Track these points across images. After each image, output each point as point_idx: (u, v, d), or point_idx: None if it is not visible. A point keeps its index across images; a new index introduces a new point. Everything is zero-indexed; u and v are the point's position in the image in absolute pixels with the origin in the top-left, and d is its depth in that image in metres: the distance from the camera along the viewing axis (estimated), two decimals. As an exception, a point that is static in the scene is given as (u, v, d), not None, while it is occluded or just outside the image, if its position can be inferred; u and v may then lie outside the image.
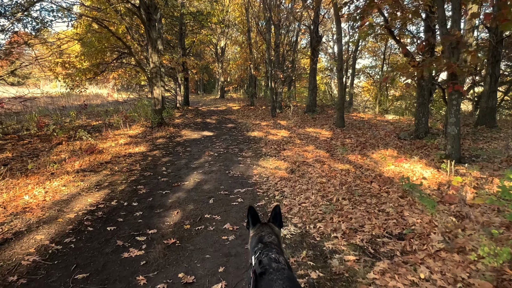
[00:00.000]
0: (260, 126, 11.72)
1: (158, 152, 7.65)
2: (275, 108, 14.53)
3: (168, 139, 9.43)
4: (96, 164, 6.25)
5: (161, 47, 15.00)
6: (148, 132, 10.15)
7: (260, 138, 9.38)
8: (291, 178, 5.37)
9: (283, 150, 7.48)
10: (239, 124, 12.81)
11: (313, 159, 6.50)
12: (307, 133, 9.61)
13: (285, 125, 11.70)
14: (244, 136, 9.91)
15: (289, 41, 19.56)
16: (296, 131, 10.12)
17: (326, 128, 10.29)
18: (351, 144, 7.59)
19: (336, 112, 10.22)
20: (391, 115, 12.84)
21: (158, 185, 5.24)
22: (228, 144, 8.71)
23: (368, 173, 5.35)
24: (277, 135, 9.69)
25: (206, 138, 9.67)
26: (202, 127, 12.12)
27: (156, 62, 10.89)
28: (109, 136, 9.17)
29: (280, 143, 8.28)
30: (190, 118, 14.81)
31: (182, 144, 8.75)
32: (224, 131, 11.04)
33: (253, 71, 21.03)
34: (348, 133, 9.20)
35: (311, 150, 7.36)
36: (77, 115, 13.39)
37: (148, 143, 8.55)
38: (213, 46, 27.90)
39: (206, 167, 6.33)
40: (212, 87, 34.93)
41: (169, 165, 6.51)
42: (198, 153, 7.65)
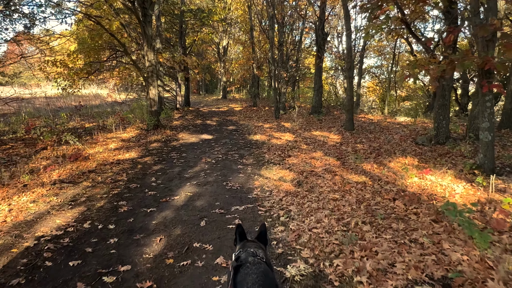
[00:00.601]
0: (262, 129, 10.94)
1: (150, 158, 6.90)
2: (278, 109, 13.74)
3: (163, 143, 8.69)
4: (77, 174, 5.51)
5: (160, 46, 14.30)
6: (142, 136, 9.42)
7: (262, 142, 8.61)
8: (298, 192, 4.58)
9: (288, 157, 6.69)
10: (240, 126, 12.04)
11: (323, 168, 5.70)
12: (314, 137, 8.81)
13: (289, 127, 10.91)
14: (245, 140, 9.14)
15: (293, 40, 18.78)
16: (302, 135, 9.32)
17: (334, 131, 9.48)
18: (364, 151, 6.78)
19: (345, 114, 9.41)
20: (402, 117, 12.00)
21: (143, 200, 4.48)
22: (228, 149, 7.94)
23: (389, 187, 4.55)
24: (281, 139, 8.90)
25: (205, 142, 8.91)
26: (201, 129, 11.36)
27: (152, 60, 10.16)
28: (100, 140, 8.46)
29: (284, 148, 7.49)
30: (190, 119, 14.08)
31: (177, 149, 8.00)
32: (224, 134, 10.27)
33: (256, 70, 20.27)
34: (359, 137, 8.38)
35: (320, 157, 6.56)
36: (71, 117, 12.73)
37: (141, 148, 7.81)
38: (215, 46, 27.19)
39: (202, 177, 5.57)
40: (214, 87, 34.23)
41: (160, 174, 5.76)
42: (194, 159, 6.89)
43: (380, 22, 7.05)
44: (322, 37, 14.03)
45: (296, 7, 16.25)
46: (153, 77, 10.25)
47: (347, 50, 9.15)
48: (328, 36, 14.94)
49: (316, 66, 14.27)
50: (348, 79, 9.15)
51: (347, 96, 9.18)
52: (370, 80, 30.11)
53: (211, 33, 20.64)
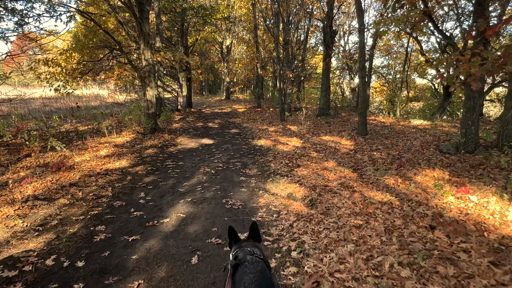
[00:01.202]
0: (267, 133, 10.16)
1: (143, 168, 6.15)
2: (284, 111, 12.95)
3: (160, 149, 7.95)
4: (55, 188, 4.78)
5: (160, 44, 13.60)
6: (138, 140, 8.70)
7: (267, 149, 7.82)
8: (311, 215, 3.79)
9: (297, 167, 5.90)
10: (244, 130, 11.26)
11: (338, 182, 4.90)
12: (324, 143, 8.00)
13: (296, 131, 10.11)
14: (249, 146, 8.36)
15: (298, 39, 17.98)
16: (310, 140, 8.52)
17: (346, 136, 8.66)
18: (383, 160, 5.96)
19: (358, 117, 8.58)
20: (417, 120, 11.12)
21: (126, 224, 3.73)
22: (230, 156, 7.17)
23: (422, 209, 3.73)
24: (287, 144, 8.11)
25: (205, 148, 8.15)
26: (202, 133, 10.61)
27: (150, 59, 9.43)
28: (91, 146, 7.74)
29: (292, 156, 6.70)
30: (191, 122, 13.34)
31: (174, 156, 7.25)
32: (226, 139, 9.51)
33: (260, 70, 19.49)
34: (374, 143, 7.56)
35: (333, 167, 5.75)
36: (66, 119, 12.08)
37: (134, 155, 7.08)
38: (218, 46, 26.46)
39: (198, 193, 4.80)
40: (218, 87, 33.53)
41: (151, 188, 5.01)
42: (192, 169, 6.13)
43: (400, 16, 6.26)
44: (330, 35, 13.20)
45: (302, 4, 15.44)
46: (151, 77, 9.52)
47: (360, 47, 8.33)
48: (337, 35, 14.09)
49: (324, 66, 13.45)
50: (361, 79, 8.33)
51: (360, 97, 8.36)
52: (376, 81, 29.25)
53: (214, 32, 19.89)
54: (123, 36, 12.24)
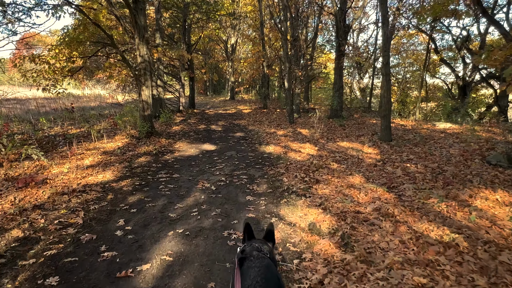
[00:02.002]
0: (276, 137, 9.05)
1: (130, 182, 5.10)
2: (292, 113, 11.83)
3: (154, 156, 6.89)
4: (13, 213, 3.73)
5: (160, 41, 12.59)
6: (131, 146, 7.66)
7: (278, 157, 6.72)
8: (348, 264, 2.68)
9: (316, 183, 4.78)
10: (250, 133, 10.17)
11: (372, 206, 3.78)
12: (343, 150, 6.86)
13: (308, 135, 8.98)
14: (256, 153, 7.26)
15: (306, 36, 16.83)
16: (326, 146, 7.39)
17: (367, 142, 7.51)
18: (421, 175, 4.81)
19: (381, 120, 7.42)
20: (442, 123, 9.90)
21: (89, 274, 2.66)
22: (234, 166, 6.08)
23: (507, 257, 2.60)
24: (300, 151, 6.99)
25: (205, 156, 7.08)
26: (203, 137, 9.55)
27: (145, 55, 8.40)
28: (76, 153, 6.72)
29: (308, 168, 5.58)
30: (193, 124, 12.30)
31: (170, 166, 6.19)
32: (230, 144, 8.42)
33: (266, 69, 18.38)
34: (402, 151, 6.40)
35: (361, 184, 4.63)
36: (57, 121, 11.12)
37: (122, 165, 6.03)
38: (223, 44, 25.42)
39: (193, 219, 3.72)
40: (222, 87, 32.50)
41: (135, 212, 3.94)
42: (188, 184, 5.06)
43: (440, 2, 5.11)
44: (344, 30, 12.05)
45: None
46: (146, 76, 8.49)
47: (384, 40, 7.17)
48: (350, 29, 12.91)
49: (336, 64, 12.29)
50: (385, 77, 7.17)
51: (384, 98, 7.20)
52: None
53: (218, 29, 18.83)
54: (119, 31, 11.25)
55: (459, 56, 18.00)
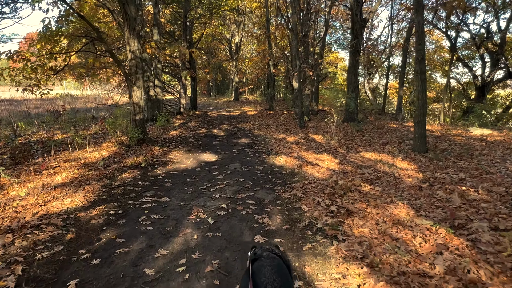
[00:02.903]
0: (286, 145, 7.81)
1: (103, 210, 3.90)
2: (303, 116, 10.57)
3: (143, 170, 5.70)
4: None
5: (158, 37, 11.42)
6: (118, 156, 6.48)
7: (291, 172, 5.48)
8: None
9: (349, 216, 3.53)
10: (256, 139, 8.95)
11: (442, 264, 2.52)
12: (370, 163, 5.59)
13: (323, 143, 7.72)
14: (264, 166, 6.03)
15: (313, 35, 15.55)
16: (348, 158, 6.13)
17: (396, 152, 6.23)
18: (489, 204, 3.53)
19: (414, 127, 6.11)
20: (477, 129, 8.56)
21: None
22: (238, 185, 4.86)
23: None
24: (318, 165, 5.74)
25: (204, 169, 5.86)
26: (204, 144, 8.34)
27: (136, 51, 7.22)
28: (50, 166, 5.56)
29: (333, 190, 4.32)
30: (193, 128, 11.11)
31: (159, 184, 4.98)
32: (234, 153, 7.20)
33: (272, 68, 17.13)
34: (447, 166, 5.12)
35: (410, 219, 3.36)
36: (44, 125, 10.02)
37: (101, 184, 4.84)
38: (227, 44, 24.23)
39: (177, 282, 2.50)
40: (226, 88, 31.32)
41: (96, 264, 2.73)
42: (179, 213, 3.84)
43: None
44: (360, 24, 10.76)
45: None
46: (138, 74, 7.30)
47: (418, 31, 5.88)
48: (367, 23, 11.60)
49: (351, 61, 11.01)
50: (419, 76, 5.87)
51: (419, 100, 5.91)
52: (394, 80, 26.80)
53: (221, 26, 17.62)
54: (110, 25, 10.09)
55: (478, 55, 16.62)
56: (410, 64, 22.40)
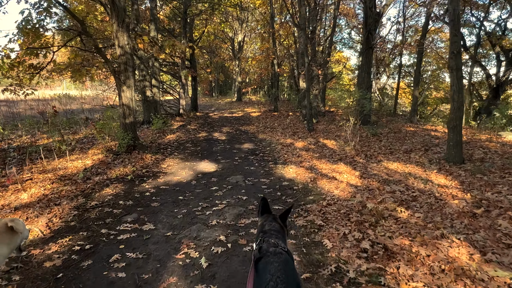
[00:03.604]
0: (295, 151, 6.88)
1: (66, 244, 2.99)
2: (312, 118, 9.62)
3: (128, 185, 4.80)
4: None
5: (155, 34, 10.55)
6: (102, 166, 5.59)
7: (305, 188, 4.55)
8: None
9: (388, 259, 2.59)
10: (260, 145, 8.03)
11: None
12: (398, 177, 4.64)
13: (336, 149, 6.78)
14: (271, 179, 5.10)
15: (319, 32, 14.61)
16: (370, 169, 5.18)
17: (426, 162, 5.28)
18: None
19: (449, 134, 5.14)
20: (510, 133, 7.57)
21: None
22: (240, 206, 3.93)
23: None
24: (336, 178, 4.81)
25: (200, 183, 4.95)
26: (203, 150, 7.44)
27: (125, 46, 6.32)
28: (22, 178, 4.68)
29: (360, 216, 3.38)
30: (192, 131, 10.22)
31: (144, 204, 4.06)
32: (236, 162, 6.29)
33: (277, 67, 16.20)
34: (496, 182, 4.15)
35: (478, 267, 2.42)
36: (32, 128, 9.19)
37: (73, 204, 3.94)
38: (230, 43, 23.33)
39: None
40: (229, 88, 30.41)
41: None
42: (163, 249, 2.93)
43: None
44: (373, 18, 9.81)
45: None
46: (128, 72, 6.41)
47: (453, 20, 4.93)
48: (382, 17, 10.62)
49: (364, 59, 10.05)
50: (455, 73, 4.92)
51: (455, 102, 4.95)
52: (402, 80, 25.75)
53: (223, 22, 16.72)
54: (98, 18, 9.23)
55: (494, 54, 15.58)
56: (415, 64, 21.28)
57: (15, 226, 1.75)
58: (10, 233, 1.75)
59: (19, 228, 1.79)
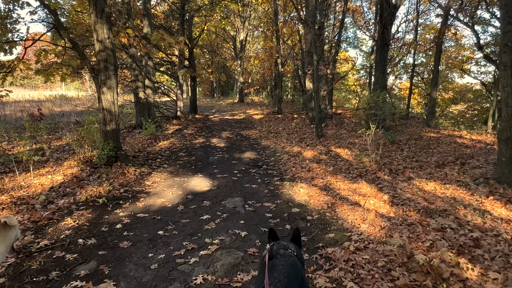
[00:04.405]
0: (304, 163, 5.84)
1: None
2: (321, 123, 8.56)
3: (98, 212, 3.78)
4: None
5: (148, 30, 9.57)
6: (73, 184, 4.59)
7: (321, 220, 3.50)
8: None
9: None
10: (264, 154, 7.00)
11: None
12: (440, 204, 3.58)
13: (352, 161, 5.73)
14: (278, 203, 4.06)
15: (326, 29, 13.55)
16: (399, 190, 4.13)
17: (468, 182, 4.22)
18: None
19: (499, 147, 4.06)
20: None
21: None
22: (239, 251, 2.90)
23: None
24: (359, 205, 3.77)
25: (189, 209, 3.92)
26: (197, 160, 6.43)
27: (106, 40, 5.32)
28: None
29: (409, 274, 2.34)
30: (188, 136, 9.21)
31: (110, 244, 3.04)
32: (234, 176, 5.25)
33: (280, 67, 15.17)
34: None
35: None
36: (14, 133, 8.24)
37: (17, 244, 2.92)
38: (231, 42, 22.31)
39: None
40: (231, 88, 29.41)
41: None
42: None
43: None
44: (389, 12, 8.74)
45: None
46: (109, 71, 5.41)
47: (507, 4, 3.88)
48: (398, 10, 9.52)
49: (379, 56, 8.97)
50: (509, 70, 3.85)
51: (509, 108, 3.88)
52: (408, 80, 24.75)
53: (224, 19, 15.71)
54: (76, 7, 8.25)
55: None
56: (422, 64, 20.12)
57: (8, 221, 1.74)
58: (3, 229, 1.75)
59: (13, 223, 1.78)
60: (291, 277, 1.29)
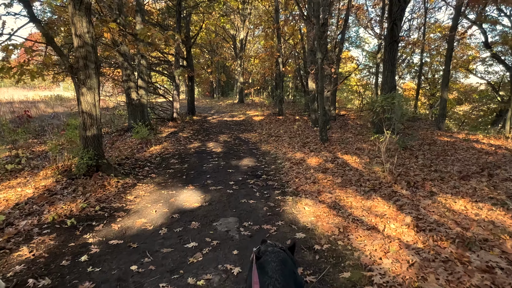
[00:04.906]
0: (308, 172, 5.18)
1: None
2: (325, 126, 7.89)
3: (63, 237, 3.13)
4: None
5: (141, 26, 8.91)
6: (42, 200, 3.94)
7: (332, 250, 2.85)
8: None
9: None
10: (263, 161, 6.34)
11: None
12: (476, 230, 2.93)
13: (362, 170, 5.07)
14: (279, 226, 3.40)
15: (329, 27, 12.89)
16: (422, 210, 3.47)
17: (505, 199, 3.55)
18: None
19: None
20: None
21: None
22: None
23: None
24: (377, 229, 3.11)
25: (173, 233, 3.27)
26: (190, 169, 5.77)
27: (85, 35, 4.67)
28: None
29: None
30: (183, 140, 8.57)
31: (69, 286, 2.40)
32: (230, 190, 4.59)
33: (282, 67, 14.50)
34: None
35: None
36: None
37: None
38: (231, 42, 21.65)
39: None
40: (230, 89, 28.75)
41: None
42: None
43: None
44: (399, 6, 8.06)
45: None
46: (89, 70, 4.77)
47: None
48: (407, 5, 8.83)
49: (388, 54, 8.29)
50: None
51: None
52: (412, 80, 24.12)
53: (223, 16, 15.07)
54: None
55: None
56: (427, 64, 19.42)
57: None
58: None
59: None
60: (285, 274, 1.25)
